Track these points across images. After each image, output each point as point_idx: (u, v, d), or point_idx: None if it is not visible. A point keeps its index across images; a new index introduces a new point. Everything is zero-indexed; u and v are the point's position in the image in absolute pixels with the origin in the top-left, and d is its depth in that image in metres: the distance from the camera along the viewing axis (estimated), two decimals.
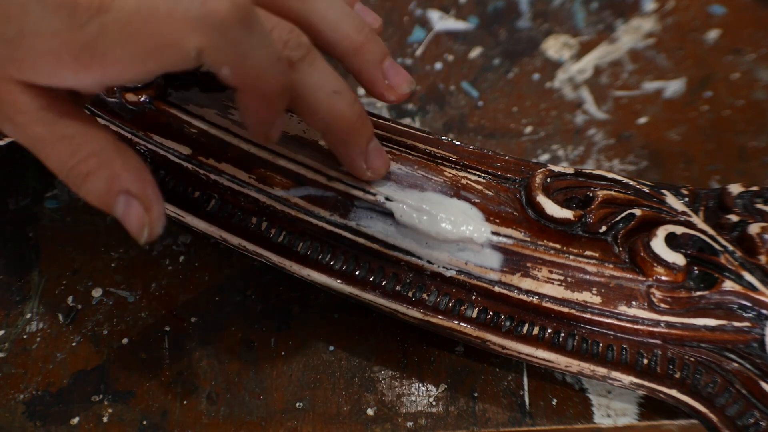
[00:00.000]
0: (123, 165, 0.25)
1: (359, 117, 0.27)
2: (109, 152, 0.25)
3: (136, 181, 0.25)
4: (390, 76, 0.29)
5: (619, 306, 0.28)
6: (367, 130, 0.28)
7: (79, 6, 0.22)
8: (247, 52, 0.22)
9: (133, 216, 0.25)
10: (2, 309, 0.33)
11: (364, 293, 0.29)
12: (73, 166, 0.25)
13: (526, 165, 0.31)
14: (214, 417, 0.31)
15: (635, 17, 0.44)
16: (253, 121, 0.25)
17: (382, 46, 0.29)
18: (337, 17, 0.28)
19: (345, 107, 0.26)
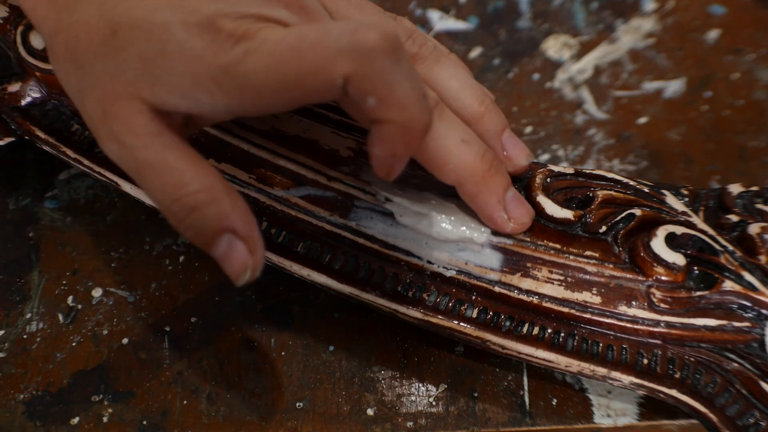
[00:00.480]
0: (232, 204, 0.24)
1: (491, 165, 0.27)
2: (218, 190, 0.24)
3: (244, 222, 0.24)
4: (508, 148, 0.29)
5: (619, 306, 0.28)
6: (503, 179, 0.28)
7: (222, 32, 0.22)
8: (395, 83, 0.21)
9: (237, 257, 0.24)
10: (2, 309, 0.33)
11: (364, 293, 0.29)
12: (179, 198, 0.24)
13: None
14: (214, 417, 0.31)
15: (635, 17, 0.44)
16: (386, 153, 0.23)
17: (503, 118, 0.29)
18: (459, 86, 0.28)
19: (475, 156, 0.26)
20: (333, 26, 0.21)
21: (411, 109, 0.22)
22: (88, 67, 0.24)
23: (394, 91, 0.21)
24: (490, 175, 0.27)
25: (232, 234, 0.24)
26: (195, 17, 0.23)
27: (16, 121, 0.33)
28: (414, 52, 0.28)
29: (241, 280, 0.24)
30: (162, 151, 0.24)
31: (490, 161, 0.27)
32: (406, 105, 0.22)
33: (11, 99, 0.33)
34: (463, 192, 0.27)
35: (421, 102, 0.22)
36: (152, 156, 0.24)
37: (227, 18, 0.23)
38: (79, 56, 0.25)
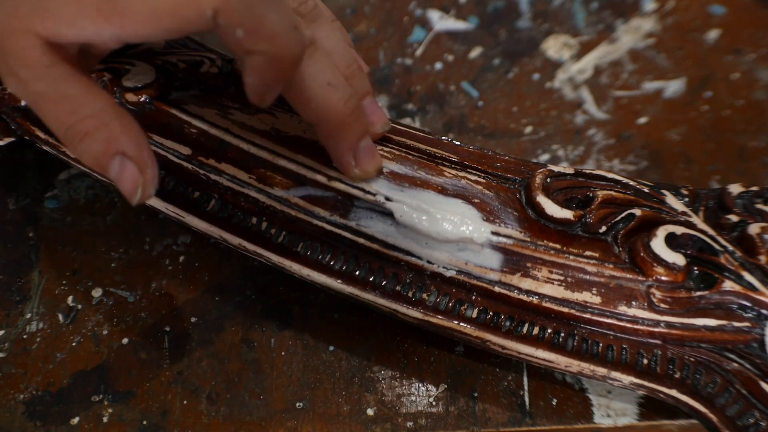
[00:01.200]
0: (121, 127, 0.26)
1: (352, 112, 0.27)
2: (108, 114, 0.26)
3: (133, 143, 0.26)
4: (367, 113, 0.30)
5: (619, 306, 0.28)
6: (359, 127, 0.28)
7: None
8: (263, 15, 0.22)
9: (128, 176, 0.26)
10: (2, 309, 0.33)
11: (364, 293, 0.29)
12: (72, 125, 0.25)
13: (526, 165, 0.31)
14: (214, 417, 0.31)
15: (635, 17, 0.44)
16: (256, 81, 0.24)
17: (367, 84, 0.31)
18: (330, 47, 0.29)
19: (338, 100, 0.27)
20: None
21: (279, 40, 0.23)
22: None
23: (262, 23, 0.22)
24: (348, 121, 0.27)
25: (122, 156, 0.25)
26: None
27: (16, 121, 0.33)
28: (292, 8, 0.28)
29: (134, 198, 0.26)
30: (54, 82, 0.25)
31: (351, 108, 0.27)
32: (274, 36, 0.23)
33: (11, 99, 0.33)
34: (319, 132, 0.28)
35: (291, 34, 0.23)
36: (45, 87, 0.25)
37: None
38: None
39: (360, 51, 0.42)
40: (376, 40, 0.43)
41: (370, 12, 0.44)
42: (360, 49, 0.42)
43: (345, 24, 0.43)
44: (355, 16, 0.44)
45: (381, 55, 0.42)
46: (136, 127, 0.26)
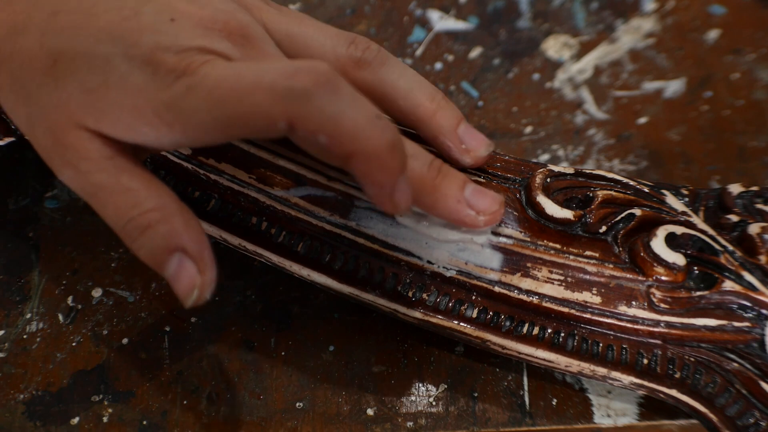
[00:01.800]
0: (184, 224, 0.25)
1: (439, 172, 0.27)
2: (171, 209, 0.25)
3: (195, 241, 0.25)
4: (466, 140, 0.29)
5: (619, 306, 0.28)
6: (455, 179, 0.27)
7: (163, 66, 0.22)
8: (338, 116, 0.21)
9: (185, 276, 0.24)
10: (2, 309, 0.33)
11: (364, 293, 0.29)
12: (133, 218, 0.24)
13: (526, 165, 0.31)
14: (214, 417, 0.31)
15: (635, 17, 0.44)
16: (373, 188, 0.23)
17: (457, 112, 0.29)
18: (408, 86, 0.28)
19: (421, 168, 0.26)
20: (269, 68, 0.22)
21: (365, 134, 0.21)
22: (33, 97, 0.25)
23: (340, 124, 0.21)
24: (440, 180, 0.27)
25: (182, 253, 0.24)
26: (136, 50, 0.23)
27: None
28: (358, 57, 0.28)
29: (188, 300, 0.25)
30: (116, 174, 0.24)
31: (437, 168, 0.27)
32: (357, 133, 0.21)
33: None
34: (423, 206, 0.27)
35: (374, 123, 0.22)
36: (106, 179, 0.24)
37: (169, 51, 0.23)
38: (23, 87, 0.25)
39: None
40: (377, 40, 0.43)
41: (370, 12, 0.44)
42: None
43: (345, 24, 0.43)
44: (355, 16, 0.44)
45: None
46: (198, 224, 0.25)
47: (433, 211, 0.27)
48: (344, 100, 0.21)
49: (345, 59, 0.28)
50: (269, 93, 0.21)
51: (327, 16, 0.43)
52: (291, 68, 0.21)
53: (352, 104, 0.22)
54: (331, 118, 0.21)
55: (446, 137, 0.29)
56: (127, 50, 0.23)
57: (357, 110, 0.22)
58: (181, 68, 0.22)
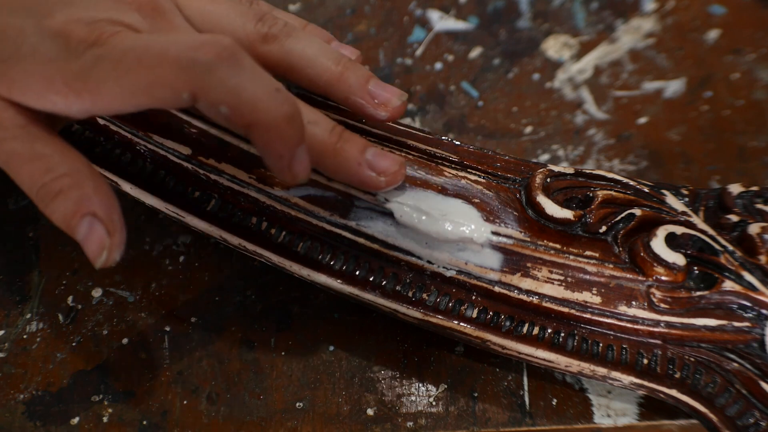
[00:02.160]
0: (94, 188, 0.25)
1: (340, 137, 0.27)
2: (82, 174, 0.25)
3: (105, 205, 0.25)
4: (377, 94, 0.29)
5: (619, 306, 0.28)
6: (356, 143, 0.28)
7: (74, 36, 0.23)
8: (239, 88, 0.22)
9: (95, 238, 0.25)
10: (2, 309, 0.33)
11: (364, 293, 0.29)
12: (45, 183, 0.25)
13: (526, 165, 0.31)
14: (214, 417, 0.31)
15: (635, 17, 0.44)
16: (271, 158, 0.24)
17: (364, 70, 0.30)
18: (314, 53, 0.29)
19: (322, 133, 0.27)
20: (175, 40, 0.23)
21: (263, 105, 0.22)
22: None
23: (240, 95, 0.22)
24: (341, 144, 0.27)
25: (93, 216, 0.25)
26: (49, 20, 0.24)
27: None
28: (265, 32, 0.29)
29: (98, 261, 0.25)
30: (29, 141, 0.25)
31: (339, 133, 0.27)
32: (257, 104, 0.22)
33: None
34: (325, 170, 0.28)
35: (273, 95, 0.23)
36: (20, 146, 0.25)
37: (80, 23, 0.24)
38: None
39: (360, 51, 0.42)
40: (376, 40, 0.43)
41: (370, 12, 0.44)
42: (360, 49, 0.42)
43: (345, 24, 0.43)
44: (355, 16, 0.44)
45: (381, 55, 0.42)
46: (109, 189, 0.26)
47: (336, 176, 0.28)
48: (245, 73, 0.22)
49: (253, 35, 0.28)
50: (174, 65, 0.22)
51: (327, 16, 0.43)
52: (196, 41, 0.22)
53: (253, 77, 0.23)
54: (231, 90, 0.22)
55: (357, 95, 0.29)
56: (39, 21, 0.24)
57: (257, 83, 0.23)
58: (91, 39, 0.23)
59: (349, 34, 0.43)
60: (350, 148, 0.27)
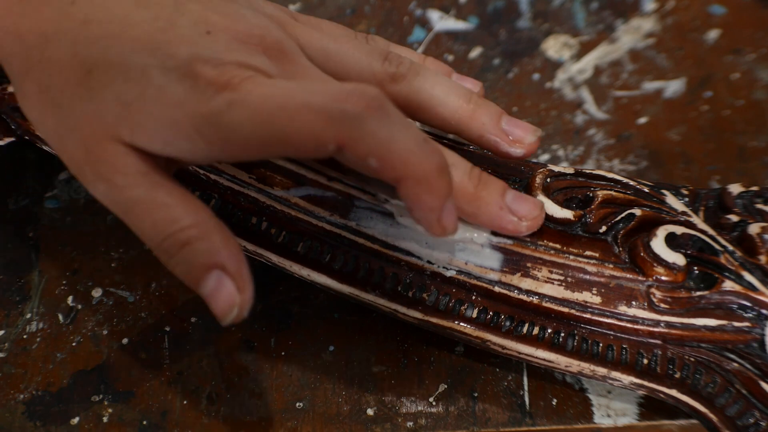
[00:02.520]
0: (223, 241, 0.24)
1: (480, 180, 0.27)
2: (209, 225, 0.24)
3: (233, 259, 0.24)
4: (511, 131, 0.29)
5: (619, 306, 0.28)
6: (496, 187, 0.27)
7: (202, 78, 0.22)
8: (390, 141, 0.21)
9: (224, 294, 0.24)
10: (2, 309, 0.33)
11: (364, 293, 0.29)
12: (171, 234, 0.24)
13: (526, 165, 0.31)
14: (214, 417, 0.31)
15: (635, 17, 0.44)
16: (421, 211, 0.23)
17: (495, 107, 0.29)
18: (444, 92, 0.28)
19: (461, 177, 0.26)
20: (319, 89, 0.21)
21: (415, 158, 0.21)
22: (65, 108, 0.24)
23: (391, 148, 0.21)
24: (481, 188, 0.26)
25: (221, 271, 0.24)
26: (173, 62, 0.23)
27: (16, 121, 0.33)
28: (393, 72, 0.28)
29: (227, 318, 0.24)
30: (152, 189, 0.24)
31: (477, 176, 0.27)
32: (408, 157, 0.21)
33: (11, 99, 0.33)
34: (465, 215, 0.27)
35: (423, 147, 0.22)
36: (142, 194, 0.24)
37: (207, 64, 0.22)
38: (53, 97, 0.24)
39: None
40: None
41: (370, 12, 0.44)
42: None
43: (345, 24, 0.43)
44: (356, 15, 0.44)
45: None
46: (236, 242, 0.25)
47: (476, 220, 0.27)
48: (395, 125, 0.22)
49: (381, 75, 0.28)
50: (320, 114, 0.21)
51: (327, 16, 0.43)
52: (342, 91, 0.21)
53: (403, 129, 0.22)
54: (382, 143, 0.21)
55: (491, 133, 0.29)
56: (164, 62, 0.23)
57: (407, 135, 0.22)
58: (221, 82, 0.22)
59: None
60: (490, 192, 0.27)
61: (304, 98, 0.21)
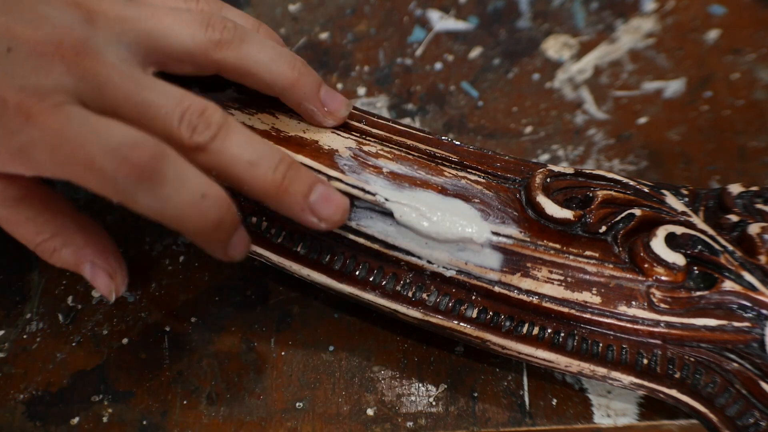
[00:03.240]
0: (85, 240, 0.29)
1: (284, 177, 0.26)
2: (70, 229, 0.29)
3: (98, 253, 0.29)
4: (327, 103, 0.30)
5: (619, 306, 0.28)
6: (301, 184, 0.27)
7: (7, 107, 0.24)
8: (162, 206, 0.24)
9: (99, 282, 0.29)
10: (2, 309, 0.33)
11: (364, 293, 0.29)
12: (39, 244, 0.28)
13: (526, 165, 0.31)
14: (214, 417, 0.31)
15: (635, 17, 0.44)
16: (209, 250, 0.26)
17: (315, 76, 0.30)
18: (269, 58, 0.29)
19: (265, 174, 0.26)
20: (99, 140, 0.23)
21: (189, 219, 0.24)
22: None
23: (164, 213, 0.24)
24: (285, 186, 0.26)
25: (91, 263, 0.29)
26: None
27: None
28: (217, 40, 0.28)
29: (109, 298, 0.30)
30: (13, 206, 0.27)
31: (282, 173, 0.26)
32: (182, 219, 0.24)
33: None
34: (271, 207, 0.28)
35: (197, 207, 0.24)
36: (5, 212, 0.28)
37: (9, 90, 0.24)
38: None
39: (360, 51, 0.42)
40: (376, 40, 0.43)
41: (370, 12, 0.44)
42: (360, 49, 0.42)
43: (345, 24, 0.43)
44: (356, 15, 0.44)
45: (381, 55, 0.42)
46: (99, 235, 0.29)
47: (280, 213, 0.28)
48: (168, 188, 0.24)
49: (205, 44, 0.28)
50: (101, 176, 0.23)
51: (327, 16, 0.43)
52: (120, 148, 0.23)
53: (177, 189, 0.24)
54: (154, 209, 0.24)
55: (309, 102, 0.30)
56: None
57: (181, 196, 0.24)
58: (23, 112, 0.24)
59: (349, 34, 0.43)
60: (296, 190, 0.27)
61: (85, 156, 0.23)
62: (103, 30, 0.26)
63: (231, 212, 0.26)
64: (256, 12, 0.43)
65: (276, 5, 0.43)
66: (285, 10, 0.44)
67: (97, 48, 0.25)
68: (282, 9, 0.44)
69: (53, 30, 0.25)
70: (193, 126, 0.25)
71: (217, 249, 0.26)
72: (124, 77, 0.25)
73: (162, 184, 0.24)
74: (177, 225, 0.24)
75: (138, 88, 0.25)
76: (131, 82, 0.25)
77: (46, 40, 0.25)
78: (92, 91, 0.25)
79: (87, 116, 0.24)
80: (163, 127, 0.25)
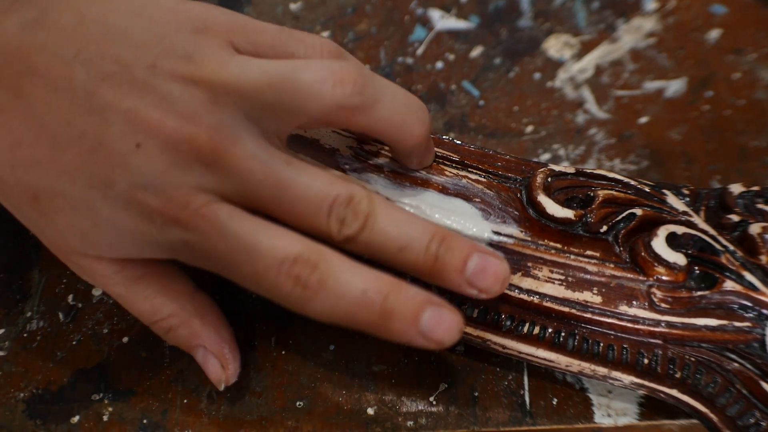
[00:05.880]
0: (201, 324, 0.28)
1: (435, 261, 0.25)
2: (188, 311, 0.28)
3: (213, 340, 0.29)
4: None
5: (619, 306, 0.28)
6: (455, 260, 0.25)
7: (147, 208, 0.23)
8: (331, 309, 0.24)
9: (210, 369, 0.29)
10: (2, 307, 0.33)
11: None
12: (155, 322, 0.28)
13: (527, 164, 0.31)
14: (214, 416, 0.31)
15: (636, 17, 0.44)
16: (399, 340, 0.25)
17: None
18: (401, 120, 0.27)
19: (416, 259, 0.25)
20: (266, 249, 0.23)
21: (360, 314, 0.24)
22: (32, 225, 0.27)
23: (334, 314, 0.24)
24: (438, 267, 0.25)
25: (204, 349, 0.29)
26: (113, 191, 0.23)
27: None
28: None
29: (219, 387, 0.30)
30: (129, 285, 0.27)
31: (434, 253, 0.25)
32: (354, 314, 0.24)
33: None
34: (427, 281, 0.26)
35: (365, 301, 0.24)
36: (122, 291, 0.27)
37: (147, 191, 0.23)
38: (20, 213, 0.26)
39: (361, 50, 0.42)
40: (377, 39, 0.43)
41: (371, 11, 0.44)
42: (361, 48, 0.42)
43: (346, 23, 0.43)
44: (356, 15, 0.44)
45: (382, 54, 0.42)
46: (217, 321, 0.29)
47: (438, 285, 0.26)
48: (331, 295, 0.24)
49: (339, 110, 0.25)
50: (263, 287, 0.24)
51: (328, 15, 0.43)
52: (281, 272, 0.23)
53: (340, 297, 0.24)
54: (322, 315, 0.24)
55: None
56: (104, 192, 0.23)
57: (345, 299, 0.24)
58: (168, 214, 0.23)
59: (350, 33, 0.43)
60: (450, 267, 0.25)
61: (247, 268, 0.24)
62: (231, 108, 0.24)
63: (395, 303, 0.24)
64: (257, 11, 0.43)
65: (277, 4, 0.43)
66: (286, 9, 0.44)
67: (231, 138, 0.23)
68: (283, 8, 0.44)
69: (181, 121, 0.23)
70: (341, 219, 0.24)
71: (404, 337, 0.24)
72: (267, 171, 0.24)
73: (325, 292, 0.23)
74: (349, 325, 0.24)
75: (282, 184, 0.24)
76: (273, 177, 0.24)
77: (177, 135, 0.23)
78: (234, 187, 0.24)
79: (240, 222, 0.23)
80: (311, 224, 0.24)
